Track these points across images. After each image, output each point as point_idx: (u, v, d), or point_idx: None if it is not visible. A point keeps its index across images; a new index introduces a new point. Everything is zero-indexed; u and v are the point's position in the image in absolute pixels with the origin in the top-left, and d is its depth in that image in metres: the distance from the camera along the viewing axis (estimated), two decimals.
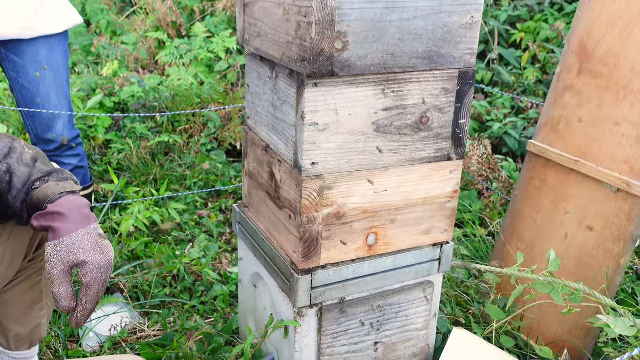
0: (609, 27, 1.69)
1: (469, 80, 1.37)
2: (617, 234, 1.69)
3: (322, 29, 1.16)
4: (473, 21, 1.30)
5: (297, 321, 1.40)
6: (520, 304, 1.83)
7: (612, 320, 1.48)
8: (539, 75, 3.89)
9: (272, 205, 1.48)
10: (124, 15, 5.33)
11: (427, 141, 1.38)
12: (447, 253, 1.53)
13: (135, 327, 1.93)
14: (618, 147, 1.67)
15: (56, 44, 2.19)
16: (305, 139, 1.25)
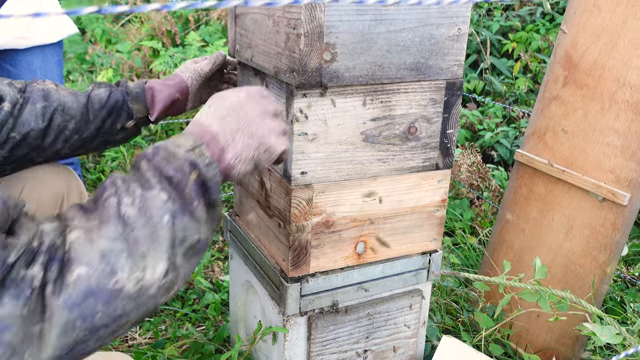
0: (593, 38, 1.72)
1: (457, 91, 1.39)
2: (603, 242, 1.71)
3: (311, 41, 1.18)
4: (460, 33, 1.33)
5: (286, 329, 1.41)
6: (509, 312, 1.84)
7: (598, 329, 1.50)
8: (531, 84, 3.93)
9: (262, 213, 1.49)
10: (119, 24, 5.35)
11: (416, 151, 1.40)
12: (436, 261, 1.54)
13: (127, 335, 1.93)
14: (603, 156, 1.70)
15: (50, 54, 2.21)
16: (295, 149, 1.27)
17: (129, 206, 0.81)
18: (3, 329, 0.70)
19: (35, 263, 0.74)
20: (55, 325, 0.73)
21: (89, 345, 0.77)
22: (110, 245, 0.78)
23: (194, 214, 0.86)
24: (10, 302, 0.70)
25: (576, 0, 1.78)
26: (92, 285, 0.75)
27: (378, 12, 1.23)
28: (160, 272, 0.81)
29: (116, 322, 0.78)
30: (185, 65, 1.53)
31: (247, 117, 0.98)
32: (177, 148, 0.90)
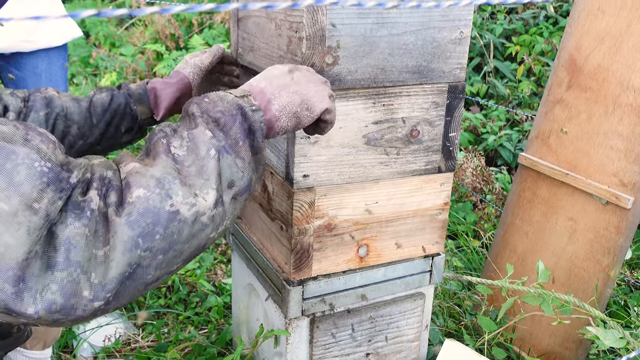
0: (597, 42, 1.72)
1: (459, 94, 1.39)
2: (606, 246, 1.71)
3: (313, 44, 1.18)
4: (462, 36, 1.33)
5: (288, 332, 1.41)
6: (512, 315, 1.84)
7: (602, 332, 1.50)
8: (534, 88, 3.93)
9: (265, 216, 1.49)
10: (123, 27, 5.37)
11: (418, 154, 1.40)
12: (439, 265, 1.54)
13: (129, 337, 1.94)
14: (607, 160, 1.69)
15: (55, 57, 2.22)
16: (297, 152, 1.27)
17: (178, 148, 0.87)
18: (69, 248, 0.74)
19: (91, 189, 0.80)
20: (119, 241, 0.77)
21: (148, 273, 0.80)
22: (164, 174, 0.83)
23: (239, 154, 0.90)
24: (73, 223, 0.75)
25: (580, 4, 1.78)
26: (150, 206, 0.79)
27: (380, 15, 1.23)
28: (211, 201, 0.85)
29: (173, 249, 0.82)
30: (184, 60, 1.52)
31: (293, 79, 1.04)
32: (226, 95, 0.96)
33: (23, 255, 0.71)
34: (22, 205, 0.72)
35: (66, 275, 0.73)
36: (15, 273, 0.71)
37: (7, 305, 0.71)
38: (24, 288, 0.71)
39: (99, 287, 0.75)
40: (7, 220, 0.71)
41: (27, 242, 0.71)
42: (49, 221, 0.74)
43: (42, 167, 0.75)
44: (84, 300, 0.75)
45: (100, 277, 0.76)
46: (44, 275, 0.73)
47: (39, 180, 0.74)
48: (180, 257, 0.84)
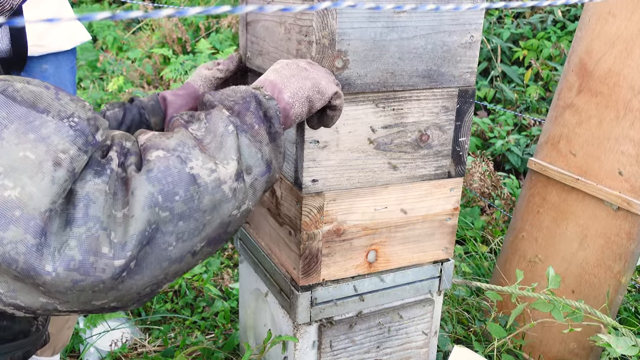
0: (608, 46, 1.70)
1: (469, 99, 1.38)
2: (617, 252, 1.69)
3: (322, 48, 1.18)
4: (472, 40, 1.32)
5: (297, 338, 1.40)
6: (521, 322, 1.82)
7: (614, 340, 1.48)
8: (542, 92, 3.91)
9: (273, 221, 1.48)
10: (130, 32, 5.39)
11: (427, 159, 1.39)
12: (448, 270, 1.53)
13: (136, 342, 1.93)
14: (618, 165, 1.68)
15: (64, 61, 2.22)
16: (306, 156, 1.26)
17: (196, 130, 0.88)
18: (88, 203, 0.73)
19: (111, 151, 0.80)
20: (138, 197, 0.76)
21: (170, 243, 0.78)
22: (182, 140, 0.83)
23: (255, 137, 0.91)
24: (93, 179, 0.75)
25: (591, 8, 1.76)
26: (169, 165, 0.79)
27: (390, 19, 1.22)
28: (232, 171, 0.84)
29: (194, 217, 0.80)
30: (197, 72, 1.53)
31: (299, 67, 1.07)
32: (238, 87, 0.98)
33: (46, 206, 0.70)
34: (47, 155, 0.72)
35: (85, 230, 0.72)
36: (37, 224, 0.69)
37: (27, 260, 0.69)
38: (45, 243, 0.70)
39: (119, 245, 0.73)
40: (33, 169, 0.70)
41: (51, 192, 0.71)
42: (73, 174, 0.73)
43: (69, 122, 0.75)
44: (104, 258, 0.72)
45: (120, 235, 0.74)
46: (62, 232, 0.71)
47: (66, 134, 0.74)
48: (203, 232, 0.82)
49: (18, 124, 0.72)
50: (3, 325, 0.97)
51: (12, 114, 0.72)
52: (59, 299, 0.75)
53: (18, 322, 1.00)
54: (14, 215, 0.69)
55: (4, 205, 0.69)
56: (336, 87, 1.09)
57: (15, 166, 0.70)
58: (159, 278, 0.80)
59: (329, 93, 1.07)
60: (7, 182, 0.69)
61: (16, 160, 0.70)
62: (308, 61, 1.12)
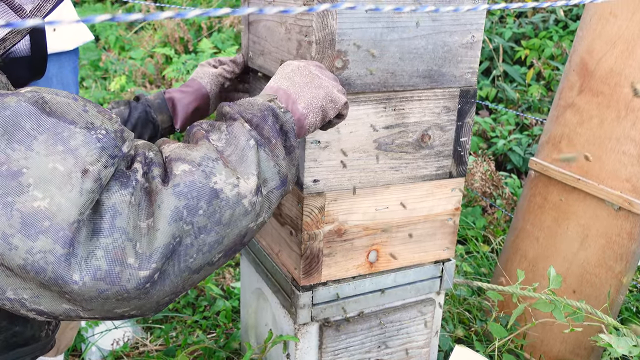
0: (609, 46, 1.70)
1: (470, 99, 1.38)
2: (619, 252, 1.69)
3: (322, 48, 1.18)
4: (474, 40, 1.32)
5: (297, 338, 1.40)
6: (522, 322, 1.82)
7: (615, 340, 1.48)
8: (544, 92, 3.90)
9: (274, 221, 1.48)
10: (133, 31, 5.40)
11: (429, 159, 1.39)
12: (449, 270, 1.53)
13: (138, 341, 1.93)
14: (619, 165, 1.68)
15: (66, 61, 2.22)
16: (307, 157, 1.26)
17: (217, 140, 0.89)
18: (115, 214, 0.75)
19: (135, 162, 0.82)
20: (164, 211, 0.77)
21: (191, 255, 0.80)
22: (207, 154, 0.84)
23: (273, 151, 0.92)
24: (119, 191, 0.76)
25: (592, 8, 1.76)
26: (195, 180, 0.81)
27: (390, 20, 1.22)
28: (253, 186, 0.86)
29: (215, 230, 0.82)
30: (202, 70, 1.52)
31: (312, 74, 1.07)
32: (255, 100, 0.98)
33: (75, 217, 0.71)
34: (76, 167, 0.73)
35: (111, 241, 0.73)
36: (66, 234, 0.71)
37: (55, 269, 0.71)
38: (72, 253, 0.71)
39: (144, 256, 0.75)
40: (61, 181, 0.72)
41: (79, 203, 0.72)
42: (101, 186, 0.75)
43: (97, 134, 0.77)
44: (130, 269, 0.74)
45: (145, 246, 0.75)
46: (89, 242, 0.73)
47: (93, 145, 0.75)
48: (222, 244, 0.84)
49: (47, 135, 0.73)
50: (15, 331, 0.98)
51: (41, 126, 0.74)
52: (83, 307, 0.76)
53: (30, 328, 1.01)
54: (44, 225, 0.70)
55: (34, 216, 0.70)
56: (345, 97, 1.10)
57: (44, 177, 0.71)
58: (178, 288, 0.82)
59: (341, 102, 1.08)
60: (37, 192, 0.71)
61: (45, 172, 0.72)
62: (318, 65, 1.12)
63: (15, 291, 0.74)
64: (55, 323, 1.10)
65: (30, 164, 0.71)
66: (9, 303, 0.75)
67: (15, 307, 0.76)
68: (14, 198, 0.70)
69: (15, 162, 0.71)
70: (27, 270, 0.71)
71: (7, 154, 0.71)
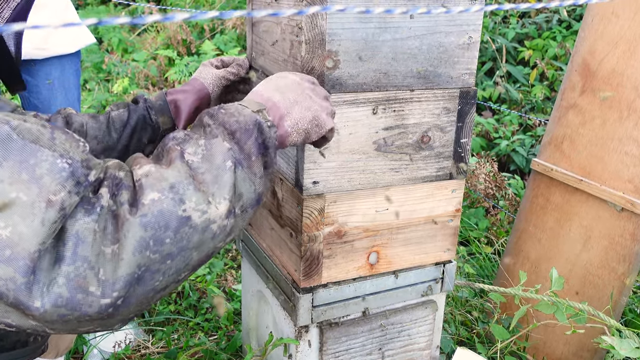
0: (611, 46, 1.69)
1: (470, 100, 1.37)
2: (621, 253, 1.68)
3: (312, 48, 1.18)
4: (471, 41, 1.31)
5: (297, 340, 1.40)
6: (525, 323, 1.81)
7: (617, 342, 1.47)
8: (547, 92, 3.89)
9: (274, 223, 1.48)
10: (135, 33, 5.41)
11: (429, 160, 1.39)
12: (450, 272, 1.52)
13: (139, 343, 1.93)
14: (622, 166, 1.67)
15: (68, 64, 2.23)
16: (306, 158, 1.26)
17: (192, 155, 0.87)
18: (77, 242, 0.75)
19: (102, 187, 0.81)
20: (130, 241, 0.77)
21: (156, 279, 0.80)
22: (178, 179, 0.83)
23: (251, 168, 0.91)
24: (83, 218, 0.76)
25: (594, 8, 1.75)
26: (164, 210, 0.80)
27: (383, 20, 1.22)
28: (223, 211, 0.85)
29: (182, 255, 0.82)
30: (205, 69, 1.51)
31: (304, 93, 1.06)
32: (243, 108, 0.96)
33: (35, 247, 0.72)
34: (39, 197, 0.73)
35: (73, 269, 0.74)
36: (26, 263, 0.71)
37: (16, 296, 0.72)
38: (34, 281, 0.72)
39: (107, 284, 0.75)
40: (24, 210, 0.72)
41: (41, 233, 0.72)
42: (64, 215, 0.75)
43: (63, 163, 0.76)
44: (91, 297, 0.75)
45: (108, 274, 0.75)
46: (52, 269, 0.73)
47: (58, 175, 0.75)
48: (189, 265, 0.84)
49: (13, 163, 0.73)
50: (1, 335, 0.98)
51: (6, 152, 0.74)
52: (47, 327, 0.77)
53: (15, 333, 1.01)
54: (5, 254, 0.71)
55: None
56: (332, 123, 1.10)
57: (7, 206, 0.72)
58: (144, 305, 0.83)
59: (326, 128, 1.08)
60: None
61: (9, 201, 0.72)
62: (311, 81, 1.11)
63: None
64: None
65: None
66: None
67: None
68: None
69: None
70: None
71: None
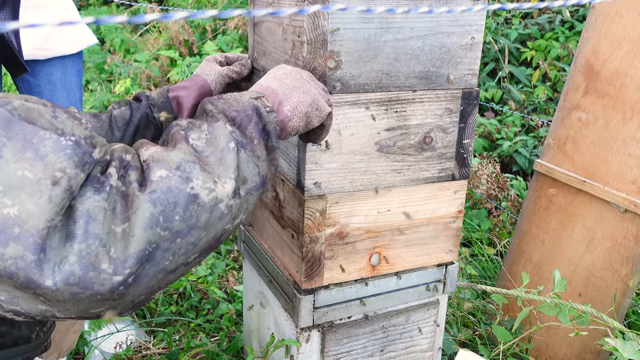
0: (615, 47, 1.68)
1: (473, 100, 1.37)
2: (625, 255, 1.67)
3: (314, 48, 1.17)
4: (474, 42, 1.31)
5: (299, 341, 1.39)
6: (527, 325, 1.80)
7: (620, 344, 1.46)
8: (550, 93, 3.88)
9: (276, 224, 1.48)
10: (138, 34, 5.41)
11: (431, 161, 1.38)
12: (452, 273, 1.51)
13: (141, 344, 1.93)
14: (625, 167, 1.66)
15: (70, 64, 2.23)
16: (308, 159, 1.25)
17: (196, 140, 0.88)
18: (88, 220, 0.75)
19: (110, 167, 0.81)
20: (140, 217, 0.77)
21: (167, 258, 0.81)
22: (185, 158, 0.84)
23: (254, 151, 0.92)
24: (93, 197, 0.76)
25: (597, 8, 1.74)
26: (172, 186, 0.80)
27: (385, 20, 1.21)
28: (229, 190, 0.86)
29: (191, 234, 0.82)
30: (209, 65, 1.51)
31: (302, 79, 1.09)
32: (241, 96, 0.98)
33: (44, 224, 0.72)
34: (45, 174, 0.73)
35: (85, 247, 0.74)
36: (35, 240, 0.71)
37: (27, 274, 0.72)
38: (44, 259, 0.72)
39: (119, 261, 0.76)
40: (31, 188, 0.72)
41: (48, 210, 0.72)
42: (71, 192, 0.75)
43: (67, 140, 0.77)
44: (103, 274, 0.75)
45: (119, 252, 0.76)
46: (62, 247, 0.73)
47: (62, 152, 0.75)
48: (198, 247, 0.85)
49: (16, 142, 0.74)
50: (3, 331, 0.98)
51: (10, 132, 0.74)
52: (58, 308, 0.77)
53: (18, 329, 1.01)
54: (14, 232, 0.71)
55: (3, 223, 0.71)
56: (330, 108, 1.11)
57: (13, 184, 0.72)
58: (154, 288, 0.82)
59: (326, 111, 1.09)
60: (6, 200, 0.71)
61: (15, 179, 0.72)
62: (309, 74, 1.13)
63: None
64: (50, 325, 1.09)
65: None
66: None
67: None
68: None
69: None
70: (1, 275, 0.72)
71: None
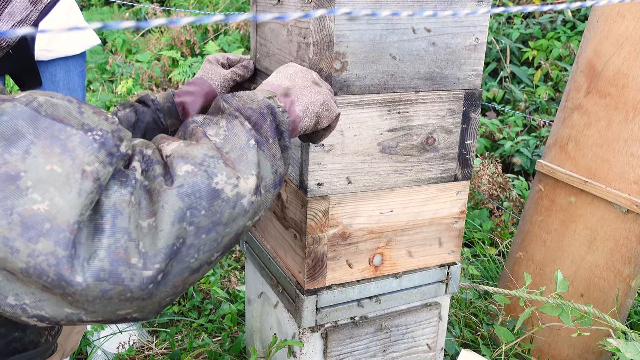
0: (617, 47, 1.68)
1: (476, 102, 1.37)
2: (627, 255, 1.67)
3: (320, 50, 1.17)
4: (478, 43, 1.31)
5: (302, 342, 1.39)
6: (530, 326, 1.80)
7: (623, 345, 1.46)
8: (552, 93, 3.88)
9: (279, 225, 1.48)
10: (139, 34, 5.42)
11: (434, 162, 1.38)
12: (455, 274, 1.51)
13: (144, 345, 1.93)
14: (628, 167, 1.66)
15: (73, 66, 2.23)
16: (311, 160, 1.26)
17: (214, 136, 0.89)
18: (116, 214, 0.75)
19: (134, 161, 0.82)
20: (168, 212, 0.77)
21: (192, 255, 0.81)
22: (209, 154, 0.84)
23: (271, 150, 0.93)
24: (119, 191, 0.76)
25: (599, 9, 1.74)
26: (197, 182, 0.81)
27: (390, 22, 1.21)
28: (252, 187, 0.87)
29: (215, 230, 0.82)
30: (212, 67, 1.51)
31: (313, 79, 1.09)
32: (255, 95, 0.98)
33: (75, 218, 0.71)
34: (74, 168, 0.73)
35: (114, 241, 0.73)
36: (67, 236, 0.70)
37: (58, 272, 0.70)
38: (75, 255, 0.71)
39: (148, 256, 0.75)
40: (60, 183, 0.72)
41: (78, 205, 0.72)
42: (100, 186, 0.74)
43: (94, 135, 0.77)
44: (134, 269, 0.74)
45: (148, 246, 0.75)
46: (91, 243, 0.73)
47: (90, 147, 0.75)
48: (221, 245, 0.85)
49: (44, 138, 0.73)
50: (15, 337, 0.98)
51: (38, 129, 0.74)
52: (86, 309, 0.76)
53: (29, 334, 1.01)
54: (44, 228, 0.70)
55: (34, 219, 0.70)
56: (339, 110, 1.12)
57: (43, 180, 0.71)
58: (179, 289, 0.82)
59: (335, 112, 1.09)
60: (36, 195, 0.71)
61: (44, 174, 0.72)
62: (318, 75, 1.13)
63: (17, 297, 0.74)
64: (58, 329, 1.10)
65: (28, 167, 0.71)
66: (10, 310, 0.75)
67: (16, 314, 0.75)
68: (13, 202, 0.70)
69: (13, 166, 0.71)
70: (30, 274, 0.71)
71: (4, 159, 0.71)
